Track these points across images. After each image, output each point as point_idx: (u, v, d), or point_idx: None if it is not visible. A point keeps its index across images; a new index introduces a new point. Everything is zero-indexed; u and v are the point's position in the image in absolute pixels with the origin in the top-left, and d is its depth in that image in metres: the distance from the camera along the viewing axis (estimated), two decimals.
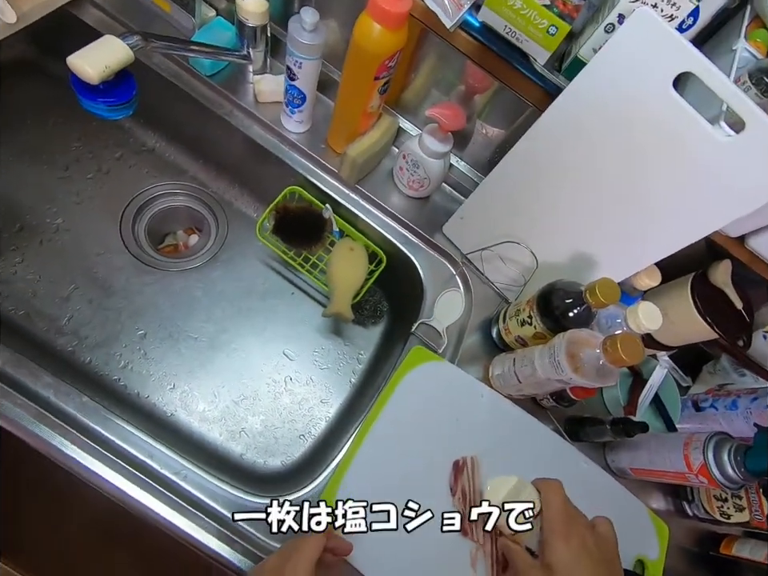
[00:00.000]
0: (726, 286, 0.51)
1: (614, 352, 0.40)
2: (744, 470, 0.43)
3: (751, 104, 0.35)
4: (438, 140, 0.56)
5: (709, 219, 0.41)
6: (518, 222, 0.55)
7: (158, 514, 0.42)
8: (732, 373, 0.61)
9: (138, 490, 0.43)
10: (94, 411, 0.45)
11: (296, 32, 0.48)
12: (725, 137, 0.37)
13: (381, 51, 0.47)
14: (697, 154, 0.38)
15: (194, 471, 0.46)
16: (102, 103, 0.39)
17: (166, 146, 0.73)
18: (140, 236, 0.70)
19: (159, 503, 0.43)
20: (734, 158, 0.37)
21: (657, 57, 0.36)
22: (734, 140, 0.36)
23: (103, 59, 0.37)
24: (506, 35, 0.43)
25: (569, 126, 0.44)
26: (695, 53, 0.35)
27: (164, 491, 0.43)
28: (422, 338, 0.59)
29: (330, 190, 0.63)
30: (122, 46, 0.38)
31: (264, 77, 0.60)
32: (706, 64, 0.35)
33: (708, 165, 0.38)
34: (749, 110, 0.35)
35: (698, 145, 0.38)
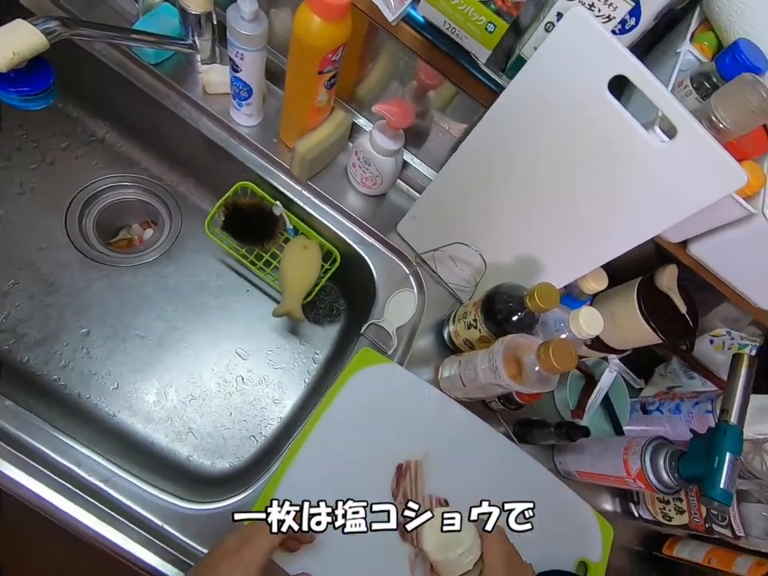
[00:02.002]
0: (671, 290, 0.51)
1: (546, 359, 0.39)
2: (678, 475, 0.44)
3: (683, 110, 0.34)
4: (389, 137, 0.54)
5: (646, 225, 0.40)
6: (467, 222, 0.54)
7: (82, 523, 0.41)
8: (682, 375, 0.62)
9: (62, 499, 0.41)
10: (15, 416, 0.43)
11: (235, 22, 0.46)
12: (659, 142, 0.36)
13: (322, 45, 0.45)
14: (632, 158, 0.38)
15: (124, 478, 0.44)
16: (15, 93, 0.36)
17: (116, 137, 0.70)
18: (87, 230, 0.67)
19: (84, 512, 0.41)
20: (667, 164, 0.36)
21: (591, 59, 0.36)
22: (668, 146, 0.36)
23: (10, 45, 0.34)
24: (446, 31, 0.42)
25: (511, 126, 0.43)
26: (627, 56, 0.34)
27: (90, 500, 0.42)
28: (372, 339, 0.58)
29: (282, 187, 0.61)
30: (34, 33, 0.36)
31: (212, 67, 0.58)
32: (638, 68, 0.34)
33: (643, 170, 0.38)
34: (680, 116, 0.34)
35: (633, 150, 0.37)
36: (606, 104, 0.36)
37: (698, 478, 0.42)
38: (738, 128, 0.34)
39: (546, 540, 0.54)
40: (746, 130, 0.34)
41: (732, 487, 0.39)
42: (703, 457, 0.42)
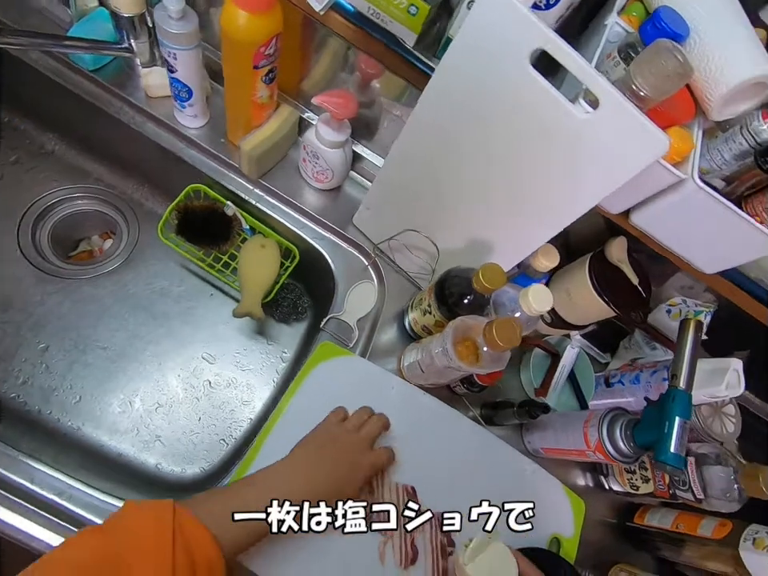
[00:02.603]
0: (621, 262, 0.52)
1: (490, 337, 0.39)
2: (633, 443, 0.44)
3: (602, 80, 0.34)
4: (334, 129, 0.54)
5: (581, 198, 0.40)
6: (417, 209, 0.54)
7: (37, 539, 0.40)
8: (644, 347, 0.62)
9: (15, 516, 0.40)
10: None
11: (162, 21, 0.46)
12: (583, 114, 0.36)
13: (252, 39, 0.44)
14: (561, 132, 0.38)
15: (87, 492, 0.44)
16: None
17: (66, 148, 0.69)
18: (42, 244, 0.66)
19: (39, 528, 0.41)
20: (594, 134, 0.36)
21: (511, 34, 0.36)
22: (592, 117, 0.36)
23: None
24: (371, 17, 0.41)
25: (444, 109, 0.43)
26: (545, 30, 0.34)
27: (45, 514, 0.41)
28: (333, 333, 0.58)
29: (234, 187, 0.61)
30: None
31: (152, 70, 0.57)
32: (555, 41, 0.34)
33: (572, 143, 0.38)
34: (600, 86, 0.34)
35: (561, 123, 0.37)
36: (531, 79, 0.36)
37: (651, 444, 0.42)
38: (656, 94, 0.34)
39: None
40: (665, 95, 0.34)
41: (683, 450, 0.40)
42: (655, 423, 0.42)
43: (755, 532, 0.45)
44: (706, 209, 0.39)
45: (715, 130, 0.42)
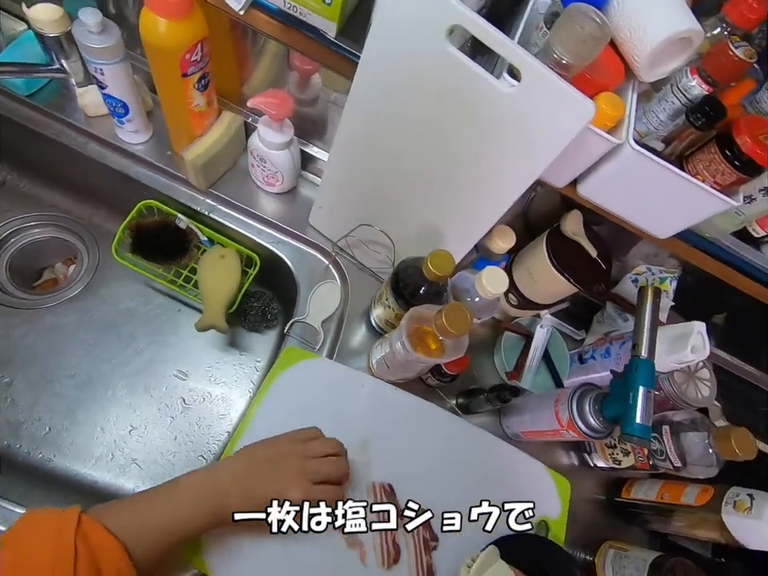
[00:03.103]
0: (578, 236, 0.51)
1: (440, 324, 0.39)
2: (602, 418, 0.43)
3: (519, 50, 0.33)
4: (275, 130, 0.53)
5: (521, 173, 0.40)
6: (367, 203, 0.53)
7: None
8: (617, 319, 0.62)
9: None
10: None
11: (82, 37, 0.45)
12: (509, 87, 0.36)
13: (174, 45, 0.43)
14: (487, 108, 0.37)
15: None
16: None
17: (17, 177, 0.68)
18: (0, 276, 0.65)
19: None
20: (520, 108, 0.36)
21: (426, 13, 0.35)
22: (516, 89, 0.35)
23: None
24: (289, 11, 0.41)
25: (375, 97, 0.42)
26: (457, 5, 0.33)
27: None
28: (299, 338, 0.57)
29: (185, 199, 0.60)
30: None
31: (87, 89, 0.56)
32: (469, 15, 0.33)
33: (500, 118, 0.37)
34: (518, 57, 0.33)
35: (486, 99, 0.36)
36: (452, 57, 0.36)
37: (619, 417, 0.41)
38: (577, 60, 0.33)
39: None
40: (585, 60, 0.34)
41: (649, 420, 0.39)
42: (622, 395, 0.41)
43: (735, 495, 0.44)
44: (646, 172, 0.38)
45: (650, 92, 0.41)
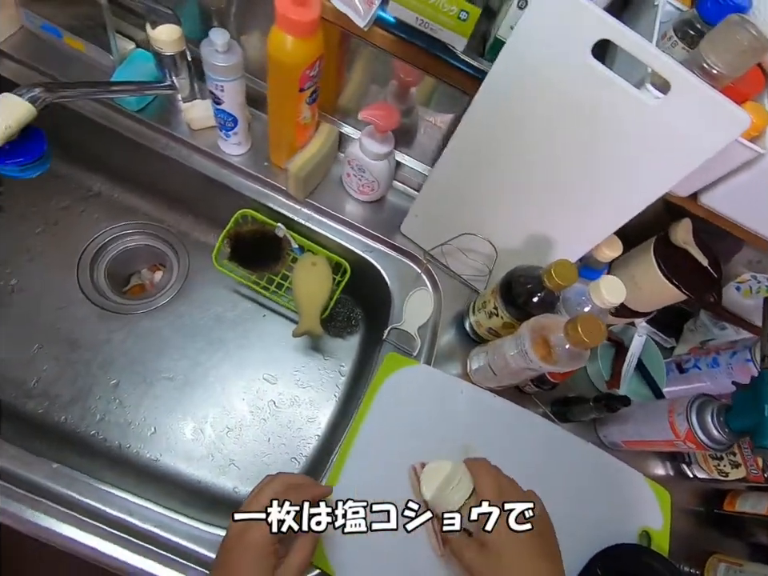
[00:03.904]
0: (688, 244, 0.50)
1: (575, 335, 0.39)
2: (728, 430, 0.43)
3: (673, 63, 0.33)
4: (378, 141, 0.54)
5: (653, 185, 0.40)
6: (471, 211, 0.53)
7: (144, 570, 0.41)
8: (713, 327, 0.61)
9: (119, 549, 0.42)
10: (64, 476, 0.44)
11: (209, 55, 0.47)
12: (653, 99, 0.36)
13: (298, 62, 0.45)
14: (628, 120, 0.37)
15: (177, 519, 0.45)
16: (13, 164, 0.37)
17: (112, 188, 0.72)
18: (100, 283, 0.68)
19: (143, 558, 0.42)
20: (665, 119, 0.36)
21: (571, 27, 0.35)
22: (663, 101, 0.35)
23: (2, 120, 0.35)
24: (419, 27, 0.41)
25: (500, 108, 0.42)
26: (607, 18, 0.34)
27: (147, 545, 0.42)
28: (395, 343, 0.58)
29: (281, 208, 0.62)
30: (21, 103, 0.36)
31: (193, 104, 0.59)
32: (619, 28, 0.34)
33: (641, 129, 0.37)
34: (672, 69, 0.33)
35: (627, 111, 0.37)
36: (594, 71, 0.36)
37: (749, 429, 0.41)
38: (732, 71, 0.33)
39: (603, 515, 0.54)
40: (740, 71, 0.33)
41: None
42: (750, 407, 0.41)
43: None
44: None
45: None
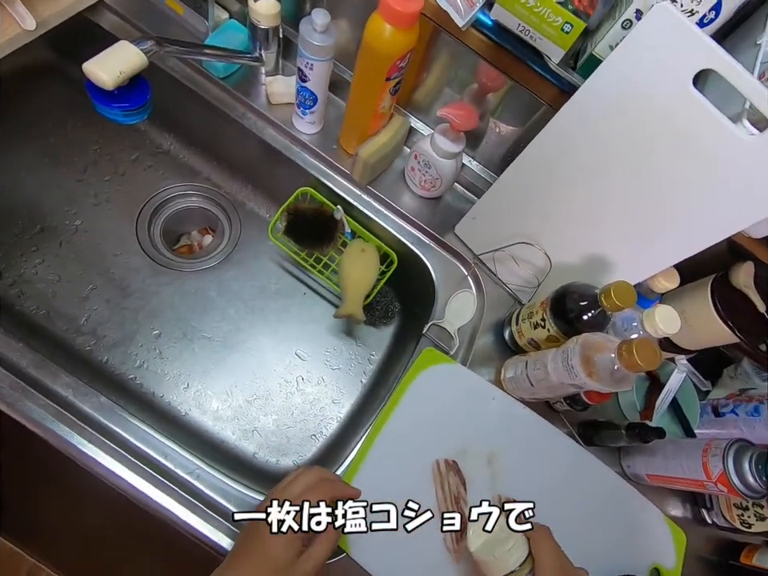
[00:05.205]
0: (748, 288, 0.50)
1: (629, 357, 0.39)
2: (766, 478, 0.42)
3: None
4: (450, 140, 0.55)
5: (730, 220, 0.39)
6: (531, 222, 0.54)
7: (172, 512, 0.43)
8: (754, 377, 0.59)
9: (153, 489, 0.43)
10: (110, 411, 0.46)
11: (307, 34, 0.48)
12: (748, 135, 0.36)
13: (392, 52, 0.46)
14: (718, 153, 0.37)
15: (206, 471, 0.47)
16: (118, 108, 0.39)
17: (180, 148, 0.74)
18: (155, 237, 0.71)
19: (173, 501, 0.44)
20: (757, 157, 0.36)
21: (676, 54, 0.35)
22: (758, 139, 0.35)
23: (118, 65, 0.37)
24: (519, 33, 0.42)
25: (584, 124, 0.43)
26: (717, 49, 0.34)
27: (178, 490, 0.44)
28: (433, 340, 0.58)
29: (342, 191, 0.63)
30: (136, 52, 0.38)
31: (276, 78, 0.60)
32: (727, 60, 0.34)
33: (730, 164, 0.37)
34: None
35: (719, 144, 0.37)
36: (692, 99, 0.36)
37: None
38: None
39: (616, 544, 0.53)
40: None
41: None
42: None
43: None
44: None
45: None
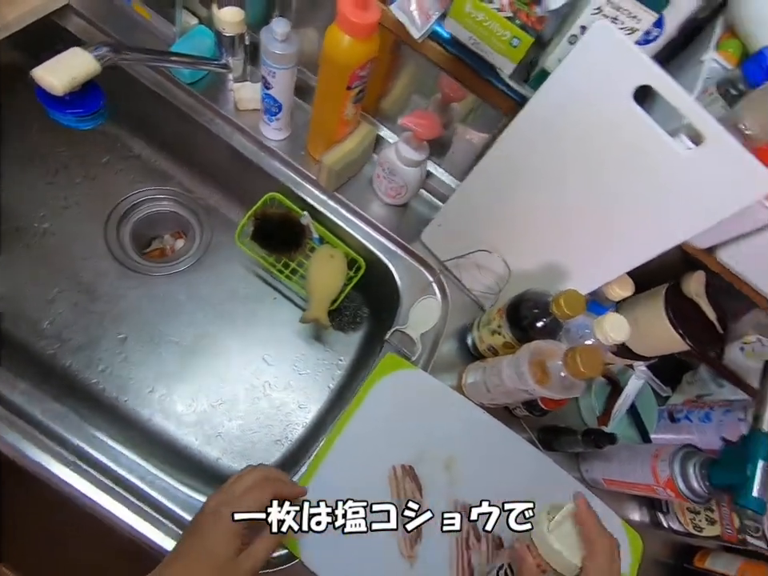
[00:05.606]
0: (699, 297, 0.51)
1: (573, 364, 0.40)
2: (709, 484, 0.43)
3: (709, 117, 0.34)
4: (413, 148, 0.56)
5: (673, 231, 0.41)
6: (492, 230, 0.55)
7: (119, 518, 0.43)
8: (710, 383, 0.61)
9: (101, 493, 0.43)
10: (62, 417, 0.46)
11: (268, 42, 0.49)
12: (685, 150, 0.37)
13: (351, 62, 0.47)
14: (658, 166, 0.38)
15: (160, 476, 0.47)
16: (71, 114, 0.40)
17: (152, 153, 0.74)
18: (125, 241, 0.71)
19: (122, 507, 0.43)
20: (694, 171, 0.37)
21: (616, 70, 0.36)
22: (694, 153, 0.36)
23: (69, 72, 0.37)
24: (471, 46, 0.43)
25: (535, 136, 0.44)
26: (653, 66, 0.35)
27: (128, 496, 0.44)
28: (396, 345, 0.59)
29: (309, 198, 0.63)
30: (89, 59, 0.39)
31: (244, 84, 0.61)
32: (663, 77, 0.35)
33: (670, 177, 0.38)
34: (708, 124, 0.35)
35: (659, 157, 0.38)
36: (632, 113, 0.37)
37: (730, 486, 0.41)
38: (765, 134, 0.34)
39: None
40: None
41: (765, 495, 0.39)
42: (735, 465, 0.41)
43: None
44: None
45: None
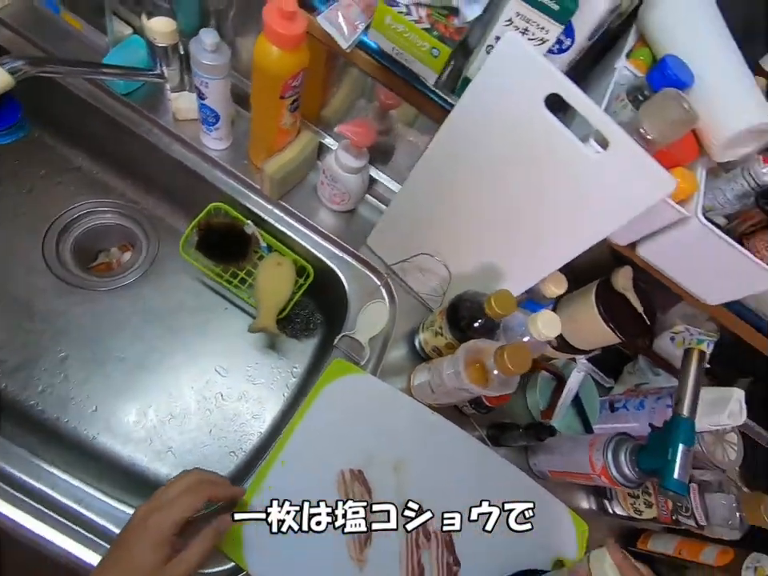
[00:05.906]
0: (627, 291, 0.53)
1: (501, 362, 0.41)
2: (638, 469, 0.45)
3: (612, 123, 0.37)
4: (353, 155, 0.57)
5: (593, 230, 0.43)
6: (431, 233, 0.56)
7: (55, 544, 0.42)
8: (648, 372, 0.64)
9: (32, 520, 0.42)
10: None
11: (198, 53, 0.49)
12: (594, 153, 0.39)
13: (282, 72, 0.47)
14: (572, 169, 0.40)
15: (99, 498, 0.45)
16: None
17: (92, 164, 0.72)
18: (65, 255, 0.69)
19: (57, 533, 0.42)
20: (603, 173, 0.39)
21: (526, 79, 0.38)
22: (602, 157, 0.38)
23: None
24: (396, 56, 0.44)
25: (462, 142, 0.45)
26: (558, 75, 0.37)
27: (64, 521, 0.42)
28: (345, 351, 0.59)
29: (254, 206, 0.63)
30: (1, 72, 0.38)
31: (181, 94, 0.60)
32: (568, 85, 0.37)
33: (581, 180, 0.40)
34: (610, 129, 0.37)
35: (571, 161, 0.40)
36: (545, 120, 0.39)
37: (656, 470, 0.43)
38: (662, 138, 0.36)
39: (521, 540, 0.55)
40: (670, 139, 0.37)
41: (685, 477, 0.41)
42: (659, 449, 0.43)
43: (756, 561, 0.46)
44: (708, 245, 0.41)
45: (718, 170, 0.44)
